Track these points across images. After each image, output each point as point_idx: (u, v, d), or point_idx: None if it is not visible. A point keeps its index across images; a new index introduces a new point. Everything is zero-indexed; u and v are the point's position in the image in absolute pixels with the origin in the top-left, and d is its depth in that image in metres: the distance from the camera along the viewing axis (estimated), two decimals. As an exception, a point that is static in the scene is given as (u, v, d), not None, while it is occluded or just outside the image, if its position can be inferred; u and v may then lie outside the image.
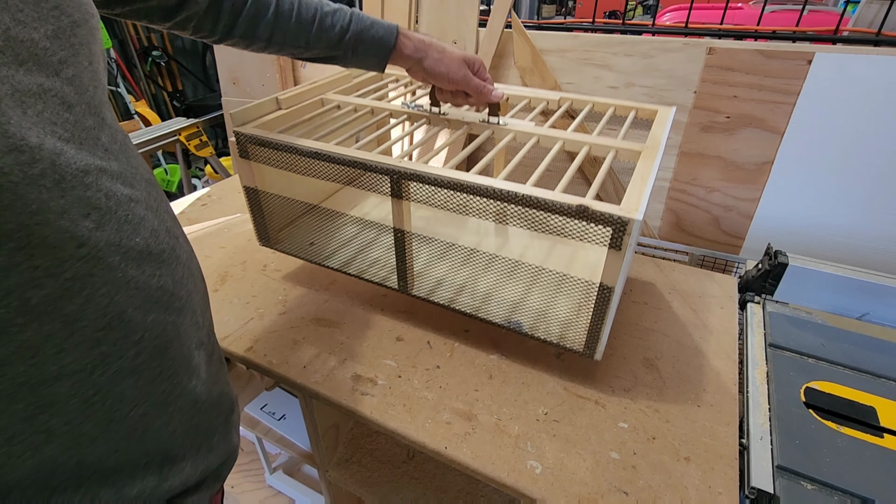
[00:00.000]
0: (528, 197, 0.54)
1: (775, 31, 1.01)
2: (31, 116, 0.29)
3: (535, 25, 1.18)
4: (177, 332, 0.39)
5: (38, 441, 0.32)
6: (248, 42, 0.62)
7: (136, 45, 2.95)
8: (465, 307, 0.69)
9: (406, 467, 0.86)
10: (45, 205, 0.29)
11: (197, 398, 0.43)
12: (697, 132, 1.03)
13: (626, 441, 0.60)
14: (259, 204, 0.78)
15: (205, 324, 0.46)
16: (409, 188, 0.61)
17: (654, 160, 0.62)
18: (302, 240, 0.81)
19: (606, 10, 2.79)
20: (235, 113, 0.71)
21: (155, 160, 2.68)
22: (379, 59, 0.66)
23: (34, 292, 0.30)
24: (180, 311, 0.40)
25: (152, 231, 0.37)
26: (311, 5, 0.62)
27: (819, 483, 0.55)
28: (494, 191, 0.55)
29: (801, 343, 0.74)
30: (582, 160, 0.64)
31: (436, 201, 0.60)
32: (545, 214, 0.54)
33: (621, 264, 0.53)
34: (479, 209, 0.58)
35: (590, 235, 0.53)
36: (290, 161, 0.68)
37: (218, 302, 0.83)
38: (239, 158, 0.73)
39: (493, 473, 0.56)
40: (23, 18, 0.29)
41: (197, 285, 0.45)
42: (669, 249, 1.10)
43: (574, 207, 0.52)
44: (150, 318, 0.37)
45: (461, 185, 0.57)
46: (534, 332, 0.65)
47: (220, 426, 0.46)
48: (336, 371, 0.69)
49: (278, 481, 1.21)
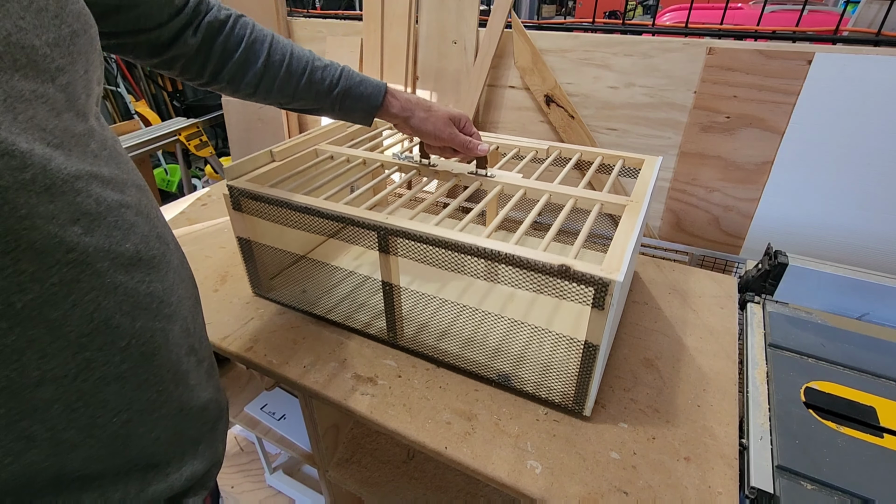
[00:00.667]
0: (511, 256, 0.54)
1: (775, 31, 1.01)
2: (21, 122, 0.29)
3: (535, 25, 1.18)
4: (165, 339, 0.39)
5: (19, 447, 0.32)
6: (234, 89, 0.61)
7: (136, 45, 2.94)
8: (455, 360, 0.69)
9: (406, 467, 0.86)
10: (33, 209, 0.29)
11: (183, 405, 0.42)
12: (697, 132, 1.03)
13: (626, 441, 0.60)
14: (252, 254, 0.79)
15: (196, 330, 0.45)
16: (396, 244, 0.62)
17: (639, 216, 0.62)
18: (294, 288, 0.82)
19: (606, 10, 2.79)
20: (230, 167, 0.73)
21: (155, 160, 2.68)
22: (365, 114, 0.68)
23: (18, 297, 0.29)
24: (170, 318, 0.40)
25: (143, 237, 0.37)
26: (302, 58, 0.62)
27: (819, 483, 0.55)
28: (478, 249, 0.56)
29: (801, 343, 0.74)
30: (567, 213, 0.65)
31: (422, 257, 0.61)
32: (529, 273, 0.54)
33: (605, 323, 0.52)
34: (465, 266, 0.58)
35: (573, 295, 0.53)
36: (281, 215, 0.69)
37: (218, 302, 0.83)
38: (232, 211, 0.74)
39: (493, 473, 0.56)
40: (24, 25, 0.30)
41: (188, 291, 0.44)
42: (669, 249, 1.10)
43: (556, 267, 0.52)
44: (139, 324, 0.36)
45: (446, 242, 0.58)
46: (523, 386, 0.65)
47: (206, 434, 0.46)
48: (336, 371, 0.69)
49: (278, 481, 1.21)
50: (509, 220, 0.63)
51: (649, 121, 1.07)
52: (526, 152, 0.84)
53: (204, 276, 0.90)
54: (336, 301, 0.78)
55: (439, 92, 1.27)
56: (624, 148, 1.12)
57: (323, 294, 0.79)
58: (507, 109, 1.21)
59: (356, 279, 0.74)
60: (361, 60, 1.36)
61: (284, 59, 0.61)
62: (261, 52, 0.59)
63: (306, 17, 1.49)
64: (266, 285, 0.83)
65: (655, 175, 0.74)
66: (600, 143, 1.14)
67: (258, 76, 0.60)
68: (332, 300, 0.78)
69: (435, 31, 1.21)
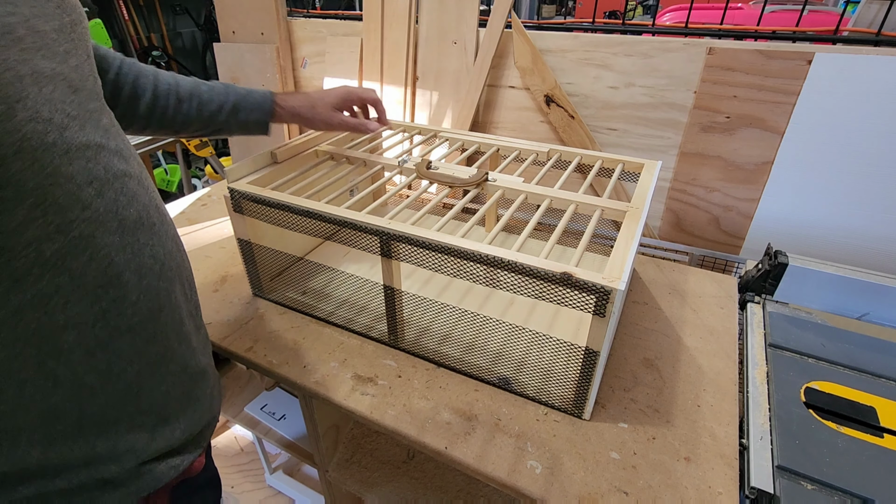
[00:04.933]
0: (513, 263, 0.54)
1: (775, 31, 1.01)
2: (45, 94, 0.34)
3: (535, 25, 1.18)
4: (168, 299, 0.44)
5: (47, 388, 0.36)
6: (127, 123, 0.61)
7: (137, 45, 2.95)
8: (456, 363, 0.69)
9: (406, 467, 0.86)
10: (56, 170, 0.34)
11: (187, 365, 0.47)
12: (697, 132, 1.03)
13: (626, 441, 0.60)
14: (252, 256, 0.78)
15: (192, 298, 0.50)
16: (398, 248, 0.62)
17: (639, 222, 0.62)
18: (294, 290, 0.81)
19: (606, 10, 2.79)
20: (231, 169, 0.73)
21: (155, 160, 2.68)
22: (260, 125, 0.71)
23: (48, 245, 0.34)
24: (171, 281, 0.44)
25: (144, 205, 0.42)
26: (188, 82, 0.65)
27: (819, 483, 0.55)
28: (480, 255, 0.56)
29: (801, 343, 0.74)
30: (568, 219, 0.65)
31: (424, 262, 0.61)
32: (530, 279, 0.54)
33: (606, 330, 0.52)
34: (466, 272, 0.58)
35: (574, 301, 0.53)
36: (281, 217, 0.69)
37: (218, 302, 0.83)
38: (233, 213, 0.74)
39: (493, 473, 0.56)
40: (37, 13, 0.34)
41: (184, 261, 0.49)
42: (669, 249, 1.10)
43: (558, 275, 0.52)
44: (145, 282, 0.41)
45: (448, 248, 0.58)
46: (523, 390, 0.65)
47: (205, 395, 0.50)
48: (336, 371, 0.69)
49: (278, 481, 1.21)
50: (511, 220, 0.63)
51: (649, 121, 1.07)
52: (526, 155, 0.84)
53: (204, 276, 0.90)
54: (336, 304, 0.78)
55: (439, 92, 1.27)
56: (624, 147, 1.12)
57: (323, 296, 0.79)
58: (507, 109, 1.21)
59: (357, 282, 0.74)
60: (361, 60, 1.36)
61: (171, 87, 0.63)
62: (147, 86, 0.61)
63: (306, 17, 1.49)
64: (266, 287, 0.82)
65: (655, 180, 0.74)
66: (600, 143, 1.14)
67: (149, 107, 0.62)
68: (333, 303, 0.78)
69: (435, 31, 1.21)
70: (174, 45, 3.22)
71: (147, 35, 3.03)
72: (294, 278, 0.83)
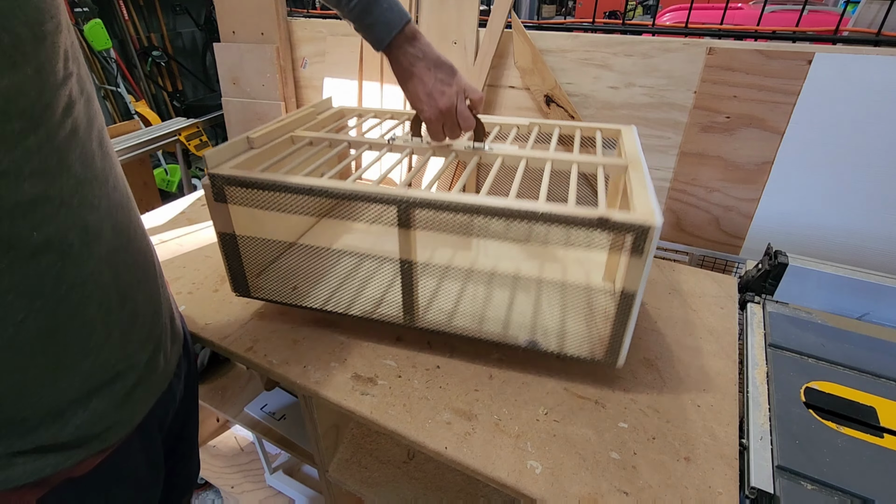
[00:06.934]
0: (548, 214, 0.54)
1: (775, 31, 1.01)
2: None
3: (535, 25, 1.18)
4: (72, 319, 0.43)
5: None
6: None
7: (137, 45, 2.95)
8: (477, 334, 0.68)
9: (406, 467, 0.86)
10: None
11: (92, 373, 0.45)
12: (697, 132, 1.03)
13: (626, 441, 0.60)
14: (237, 251, 0.72)
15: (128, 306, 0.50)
16: (417, 217, 0.60)
17: (643, 168, 0.63)
18: (283, 283, 0.76)
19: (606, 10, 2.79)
20: (210, 154, 0.67)
21: (155, 160, 2.68)
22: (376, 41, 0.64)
23: None
24: (83, 302, 0.43)
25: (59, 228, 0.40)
26: None
27: (819, 483, 0.55)
28: (513, 211, 0.55)
29: (801, 343, 0.74)
30: (577, 176, 0.65)
31: (447, 227, 0.59)
32: (564, 229, 0.54)
33: (644, 269, 0.54)
34: (492, 232, 0.57)
35: (607, 245, 0.54)
36: (277, 200, 0.64)
37: (218, 302, 0.83)
38: (214, 203, 0.66)
39: (493, 473, 0.56)
40: None
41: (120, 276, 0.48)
42: (669, 249, 1.10)
43: (595, 220, 0.53)
44: (38, 303, 0.39)
45: (477, 208, 0.56)
46: (549, 347, 0.65)
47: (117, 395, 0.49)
48: (336, 371, 0.69)
49: (278, 481, 1.21)
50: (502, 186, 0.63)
51: (649, 121, 1.07)
52: (507, 130, 0.82)
53: (204, 276, 0.90)
54: (334, 290, 0.75)
55: (439, 92, 1.26)
56: (624, 148, 1.12)
57: (319, 285, 0.75)
58: (507, 109, 1.21)
59: (367, 265, 0.69)
60: (361, 60, 1.36)
61: None
62: None
63: (306, 17, 1.49)
64: (252, 285, 0.77)
65: (637, 138, 0.73)
66: (600, 143, 1.14)
67: None
68: (330, 290, 0.75)
69: (435, 31, 1.21)
70: (174, 45, 3.23)
71: (147, 35, 3.03)
72: (283, 270, 0.78)
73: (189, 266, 0.94)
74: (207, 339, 0.76)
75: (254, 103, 1.60)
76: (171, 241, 1.03)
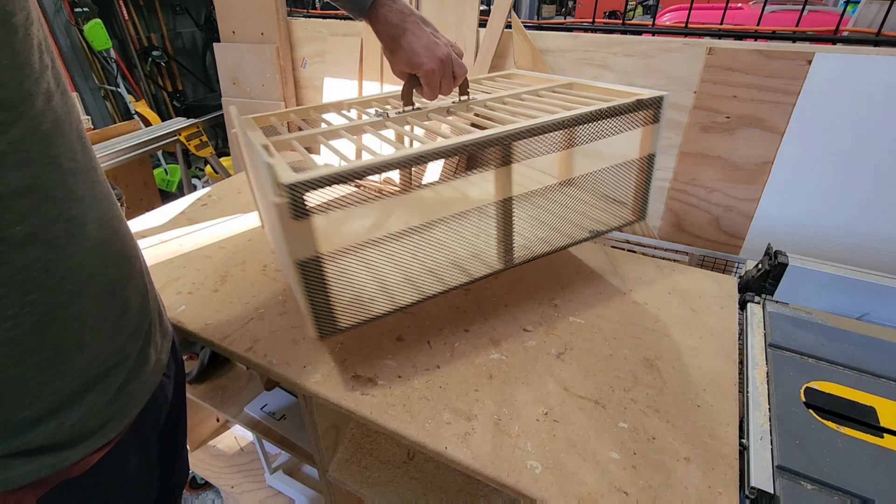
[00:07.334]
0: (606, 109, 0.66)
1: (775, 31, 1.01)
2: None
3: (535, 25, 1.18)
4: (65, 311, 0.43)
5: None
6: None
7: (137, 45, 2.95)
8: (557, 244, 0.75)
9: (406, 467, 0.86)
10: None
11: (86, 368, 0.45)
12: (697, 132, 1.03)
13: (626, 441, 0.60)
14: (323, 279, 0.55)
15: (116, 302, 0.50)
16: (516, 148, 0.62)
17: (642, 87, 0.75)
18: (362, 295, 0.63)
19: (606, 10, 2.79)
20: (277, 163, 0.52)
21: (155, 160, 2.68)
22: (355, 7, 0.63)
23: None
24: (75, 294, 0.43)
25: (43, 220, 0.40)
26: None
27: (819, 483, 0.55)
28: (586, 115, 0.65)
29: (801, 343, 0.74)
30: None
31: (537, 150, 0.65)
32: (608, 121, 0.67)
33: (658, 134, 0.71)
34: (557, 143, 0.67)
35: (639, 119, 0.69)
36: (356, 196, 0.54)
37: (218, 302, 0.83)
38: (293, 222, 0.50)
39: (493, 473, 0.56)
40: None
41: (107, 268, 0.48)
42: (669, 249, 1.10)
43: (633, 103, 0.67)
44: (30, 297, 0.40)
45: (559, 123, 0.63)
46: (598, 226, 0.77)
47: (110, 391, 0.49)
48: (336, 371, 0.69)
49: (278, 481, 1.21)
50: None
51: (649, 121, 1.07)
52: None
53: (204, 276, 0.90)
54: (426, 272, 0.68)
55: (439, 92, 1.26)
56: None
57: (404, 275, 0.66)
58: (507, 109, 1.21)
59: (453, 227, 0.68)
60: (361, 60, 1.36)
61: None
62: None
63: (306, 17, 1.49)
64: (342, 317, 0.60)
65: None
66: (600, 143, 1.14)
67: None
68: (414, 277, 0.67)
69: (435, 31, 1.21)
70: (174, 45, 3.23)
71: (147, 35, 3.04)
72: (359, 279, 0.63)
73: (189, 266, 0.94)
74: (207, 339, 0.76)
75: (254, 103, 1.60)
76: (171, 241, 1.03)
